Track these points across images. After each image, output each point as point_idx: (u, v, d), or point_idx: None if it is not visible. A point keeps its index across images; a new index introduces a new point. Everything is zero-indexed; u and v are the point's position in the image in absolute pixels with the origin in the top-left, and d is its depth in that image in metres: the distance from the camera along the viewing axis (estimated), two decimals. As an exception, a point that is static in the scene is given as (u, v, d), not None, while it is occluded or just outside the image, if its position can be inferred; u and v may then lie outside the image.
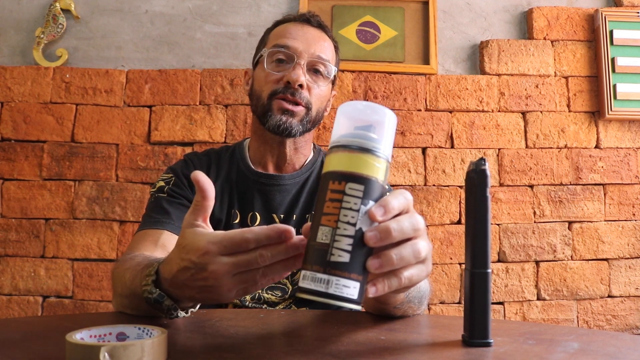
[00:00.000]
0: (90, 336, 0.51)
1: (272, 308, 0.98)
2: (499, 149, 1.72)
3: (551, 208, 1.71)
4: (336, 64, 1.10)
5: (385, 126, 0.51)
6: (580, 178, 1.73)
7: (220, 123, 1.67)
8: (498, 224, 1.70)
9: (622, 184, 1.74)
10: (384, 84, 1.72)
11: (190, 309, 0.66)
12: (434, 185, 1.70)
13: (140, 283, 0.63)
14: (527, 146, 1.73)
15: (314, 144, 1.14)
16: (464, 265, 1.64)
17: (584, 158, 1.74)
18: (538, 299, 1.68)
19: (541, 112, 1.75)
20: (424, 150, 1.71)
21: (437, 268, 1.66)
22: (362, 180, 0.49)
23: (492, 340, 0.56)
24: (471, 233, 0.56)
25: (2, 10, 1.70)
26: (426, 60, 1.73)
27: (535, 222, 1.71)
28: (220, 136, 1.67)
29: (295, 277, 0.99)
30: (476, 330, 0.57)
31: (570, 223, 1.72)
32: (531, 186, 1.72)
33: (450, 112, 1.73)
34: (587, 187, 1.73)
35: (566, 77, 1.77)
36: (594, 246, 1.71)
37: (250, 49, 1.50)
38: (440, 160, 1.70)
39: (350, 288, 0.47)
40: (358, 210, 0.48)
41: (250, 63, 1.17)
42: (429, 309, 1.65)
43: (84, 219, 1.61)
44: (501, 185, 1.71)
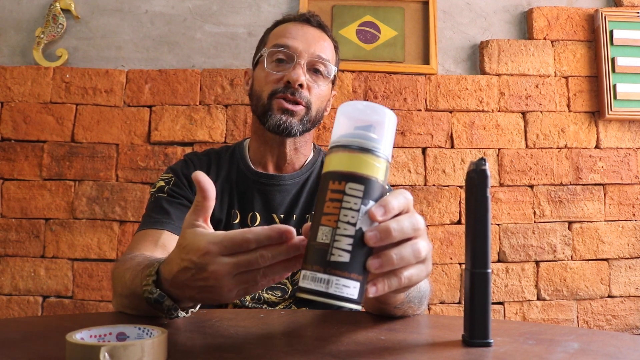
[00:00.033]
0: (90, 336, 0.51)
1: (272, 308, 0.98)
2: (499, 149, 1.72)
3: (551, 208, 1.71)
4: (336, 63, 1.10)
5: (385, 126, 0.51)
6: (580, 178, 1.73)
7: (220, 123, 1.67)
8: (498, 224, 1.70)
9: (622, 184, 1.74)
10: (384, 84, 1.72)
11: (191, 309, 0.66)
12: (434, 185, 1.70)
13: (140, 283, 0.63)
14: (527, 146, 1.73)
15: (314, 144, 1.14)
16: (464, 265, 1.64)
17: (584, 158, 1.74)
18: (538, 299, 1.68)
19: (541, 112, 1.75)
20: (424, 150, 1.71)
21: (437, 268, 1.66)
22: (362, 180, 0.49)
23: (492, 340, 0.56)
24: (471, 233, 0.56)
25: (2, 10, 1.70)
26: (426, 60, 1.73)
27: (535, 222, 1.71)
28: (220, 136, 1.67)
29: (295, 278, 0.99)
30: (476, 330, 0.57)
31: (570, 223, 1.72)
32: (531, 186, 1.72)
33: (450, 112, 1.73)
34: (587, 187, 1.73)
35: (566, 77, 1.77)
36: (594, 246, 1.71)
37: (250, 49, 1.50)
38: (440, 160, 1.70)
39: (351, 288, 0.47)
40: (358, 210, 0.48)
41: (250, 63, 1.17)
42: (429, 309, 1.65)
43: (84, 219, 1.61)
44: (501, 185, 1.71)
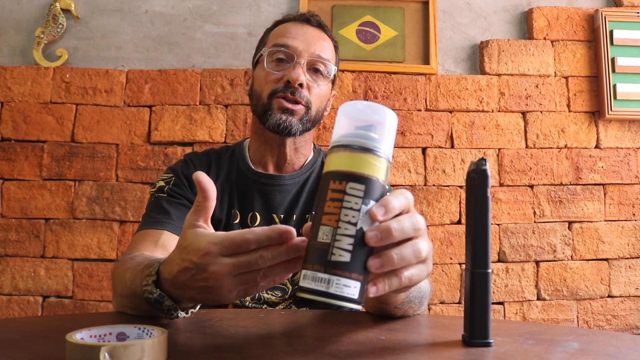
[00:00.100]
0: (90, 336, 0.51)
1: (272, 308, 0.98)
2: (499, 149, 1.72)
3: (551, 208, 1.71)
4: (336, 63, 1.10)
5: (386, 126, 0.51)
6: (580, 178, 1.73)
7: (220, 123, 1.67)
8: (498, 224, 1.70)
9: (622, 184, 1.74)
10: (384, 84, 1.72)
11: (191, 310, 0.66)
12: (434, 185, 1.70)
13: (140, 283, 0.63)
14: (527, 146, 1.73)
15: (314, 144, 1.14)
16: (464, 265, 1.64)
17: (584, 158, 1.74)
18: (538, 299, 1.68)
19: (541, 112, 1.75)
20: (424, 150, 1.71)
21: (437, 268, 1.66)
22: (363, 179, 0.49)
23: (492, 340, 0.56)
24: (471, 233, 0.56)
25: (2, 10, 1.70)
26: (426, 60, 1.73)
27: (535, 222, 1.71)
28: (220, 136, 1.67)
29: (295, 278, 0.99)
30: (476, 330, 0.57)
31: (570, 223, 1.72)
32: (531, 186, 1.72)
33: (450, 112, 1.73)
34: (587, 187, 1.73)
35: (566, 77, 1.77)
36: (594, 246, 1.71)
37: (250, 49, 1.50)
38: (440, 160, 1.70)
39: (351, 288, 0.47)
40: (359, 210, 0.48)
41: (250, 63, 1.17)
42: (429, 309, 1.65)
43: (84, 219, 1.61)
44: (501, 185, 1.71)
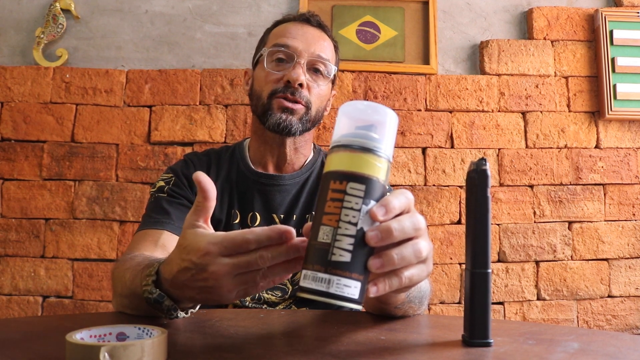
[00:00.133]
0: (90, 336, 0.51)
1: (272, 308, 0.98)
2: (499, 149, 1.72)
3: (551, 208, 1.71)
4: (336, 63, 1.10)
5: (386, 126, 0.51)
6: (580, 178, 1.73)
7: (220, 123, 1.67)
8: (498, 224, 1.70)
9: (622, 184, 1.74)
10: (384, 84, 1.72)
11: (190, 310, 0.66)
12: (434, 185, 1.70)
13: (140, 283, 0.63)
14: (527, 146, 1.73)
15: (314, 144, 1.14)
16: (464, 265, 1.64)
17: (584, 158, 1.74)
18: (538, 299, 1.68)
19: (541, 112, 1.75)
20: (424, 150, 1.71)
21: (437, 268, 1.66)
22: (364, 179, 0.49)
23: (492, 340, 0.56)
24: (471, 233, 0.56)
25: (2, 10, 1.70)
26: (426, 60, 1.73)
27: (535, 222, 1.71)
28: (220, 136, 1.67)
29: (295, 278, 0.99)
30: (476, 330, 0.57)
31: (570, 223, 1.72)
32: (531, 186, 1.72)
33: (450, 112, 1.73)
34: (587, 187, 1.73)
35: (566, 77, 1.77)
36: (594, 246, 1.71)
37: (250, 49, 1.50)
38: (440, 160, 1.70)
39: (351, 288, 0.47)
40: (359, 210, 0.48)
41: (250, 63, 1.17)
42: (429, 309, 1.65)
43: (84, 219, 1.61)
44: (501, 185, 1.71)
